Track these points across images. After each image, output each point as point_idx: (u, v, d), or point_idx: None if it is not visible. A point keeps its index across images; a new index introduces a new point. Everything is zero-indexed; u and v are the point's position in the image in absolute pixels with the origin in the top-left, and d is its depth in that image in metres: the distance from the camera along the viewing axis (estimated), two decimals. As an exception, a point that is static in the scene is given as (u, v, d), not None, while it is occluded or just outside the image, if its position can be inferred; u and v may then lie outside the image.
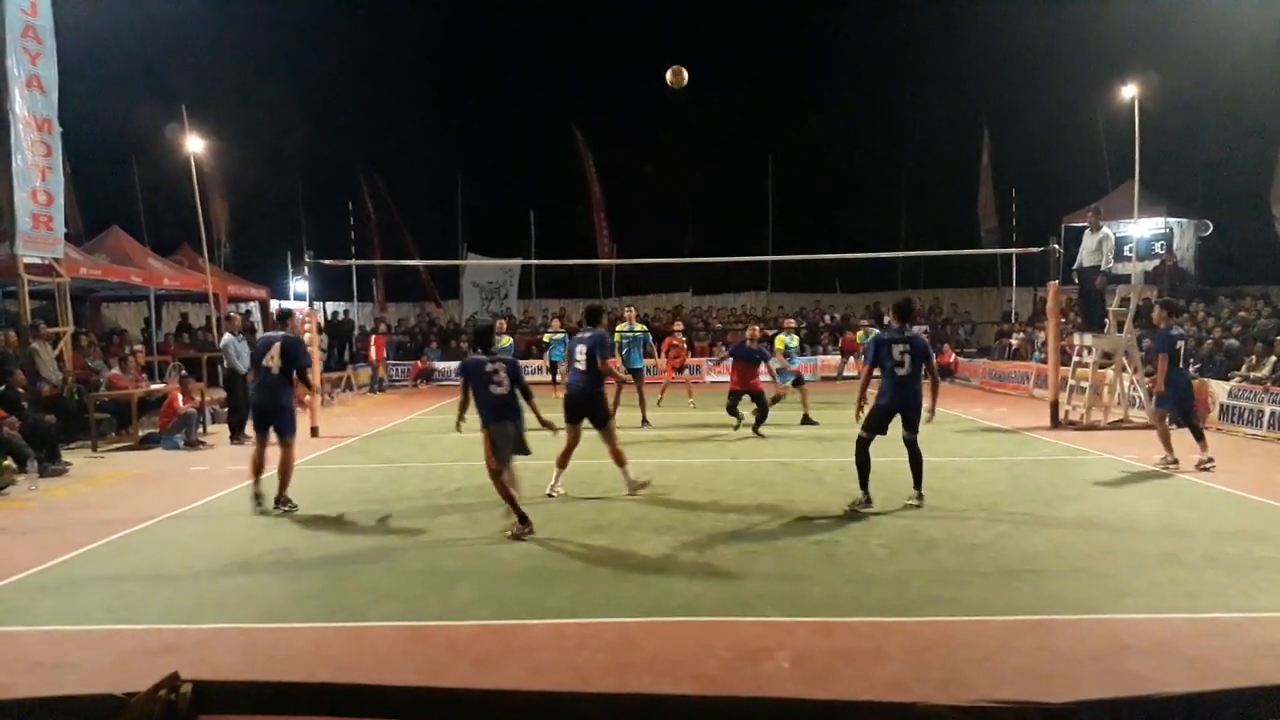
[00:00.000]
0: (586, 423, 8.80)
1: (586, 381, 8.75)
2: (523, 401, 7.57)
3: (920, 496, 8.24)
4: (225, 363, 14.79)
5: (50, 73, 14.36)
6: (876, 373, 8.33)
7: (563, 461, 8.93)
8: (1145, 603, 5.53)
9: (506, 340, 17.44)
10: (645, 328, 15.71)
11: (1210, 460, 9.92)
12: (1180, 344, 10.33)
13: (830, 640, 5.00)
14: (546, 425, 7.79)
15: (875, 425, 8.21)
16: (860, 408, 8.32)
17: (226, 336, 15.10)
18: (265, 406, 8.58)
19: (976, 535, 7.20)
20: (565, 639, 5.05)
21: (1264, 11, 19.63)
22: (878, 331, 13.06)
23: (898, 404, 8.15)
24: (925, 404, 8.20)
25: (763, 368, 13.56)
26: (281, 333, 8.77)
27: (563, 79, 38.81)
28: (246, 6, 32.59)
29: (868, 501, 8.14)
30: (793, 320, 17.43)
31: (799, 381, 14.91)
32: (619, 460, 8.87)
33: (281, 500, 8.38)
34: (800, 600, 5.63)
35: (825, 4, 37.96)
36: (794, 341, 15.63)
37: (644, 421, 14.41)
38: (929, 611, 5.40)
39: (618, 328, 14.90)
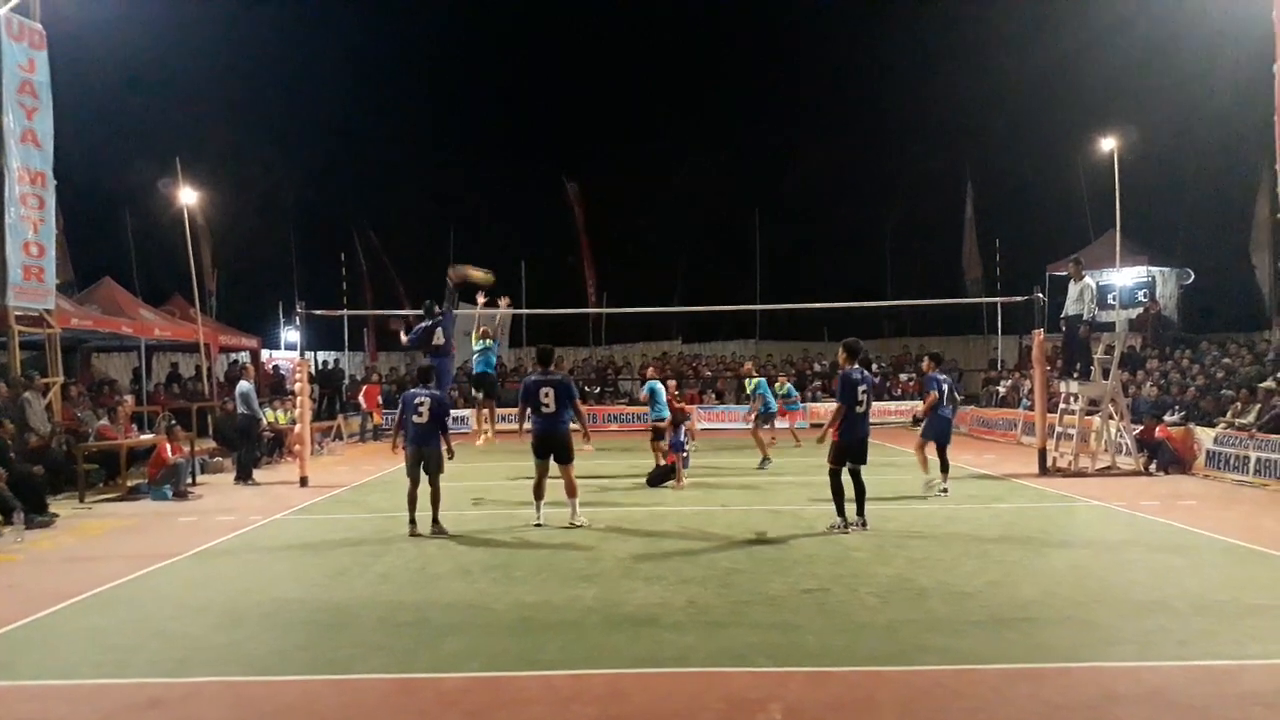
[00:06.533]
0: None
1: (551, 423, 9.89)
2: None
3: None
4: (242, 408, 14.82)
5: (46, 127, 14.50)
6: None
7: (538, 492, 10.06)
8: (1136, 650, 5.55)
9: None
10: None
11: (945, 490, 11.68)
12: (946, 387, 12.06)
13: (823, 690, 4.99)
14: None
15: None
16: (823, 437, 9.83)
17: (244, 384, 15.15)
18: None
19: (967, 583, 7.21)
20: (555, 691, 5.02)
21: (1241, 65, 20.10)
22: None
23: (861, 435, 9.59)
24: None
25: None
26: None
27: (554, 132, 39.46)
28: (241, 60, 33.13)
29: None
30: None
31: None
32: (569, 493, 9.99)
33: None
34: (792, 650, 5.62)
35: (810, 59, 38.83)
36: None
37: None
38: (921, 661, 5.40)
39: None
